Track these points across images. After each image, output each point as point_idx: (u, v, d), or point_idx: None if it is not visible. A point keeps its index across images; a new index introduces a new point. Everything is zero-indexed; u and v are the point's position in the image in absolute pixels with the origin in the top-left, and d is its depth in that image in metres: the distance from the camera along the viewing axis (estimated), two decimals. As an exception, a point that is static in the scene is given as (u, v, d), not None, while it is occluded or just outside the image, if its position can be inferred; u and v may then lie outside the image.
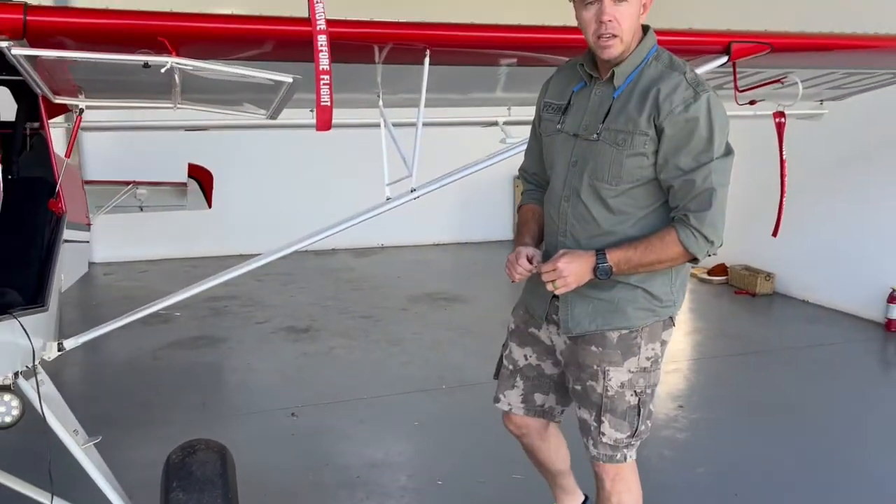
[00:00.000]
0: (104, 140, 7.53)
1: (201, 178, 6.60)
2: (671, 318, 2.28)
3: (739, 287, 7.23)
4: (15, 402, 2.42)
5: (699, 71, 3.47)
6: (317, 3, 2.65)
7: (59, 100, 3.21)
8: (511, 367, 2.51)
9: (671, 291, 2.24)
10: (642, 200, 2.17)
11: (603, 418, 2.23)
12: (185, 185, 6.58)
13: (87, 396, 4.41)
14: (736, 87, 3.53)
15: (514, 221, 10.09)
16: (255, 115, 3.31)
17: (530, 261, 2.22)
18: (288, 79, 2.53)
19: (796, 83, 3.69)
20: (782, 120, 3.74)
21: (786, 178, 3.71)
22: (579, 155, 2.20)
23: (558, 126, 2.28)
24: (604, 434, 2.25)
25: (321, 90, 2.66)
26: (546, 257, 2.30)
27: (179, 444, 2.67)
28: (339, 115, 2.87)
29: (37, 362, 2.58)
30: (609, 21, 2.04)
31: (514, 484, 3.47)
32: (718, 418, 4.26)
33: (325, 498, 3.29)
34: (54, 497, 2.51)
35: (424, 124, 3.31)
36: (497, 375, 2.59)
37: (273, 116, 3.26)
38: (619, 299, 2.19)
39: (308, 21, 2.65)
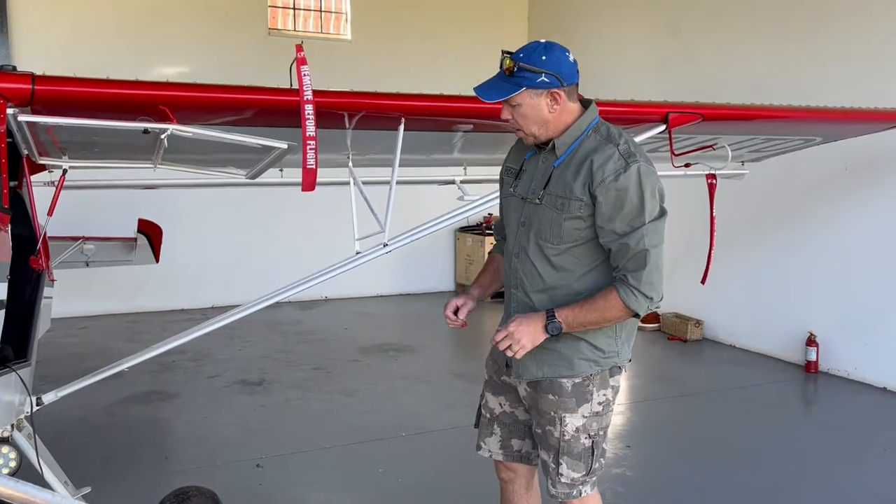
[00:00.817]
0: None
1: (151, 233, 6.61)
2: (617, 367, 2.44)
3: (671, 333, 7.67)
4: (13, 455, 2.48)
5: (639, 138, 3.89)
6: (304, 75, 2.91)
7: (42, 160, 3.31)
8: (489, 415, 2.66)
9: (615, 343, 2.41)
10: (583, 259, 2.36)
11: (561, 460, 2.40)
12: (134, 240, 6.57)
13: (44, 454, 4.35)
14: (672, 152, 3.93)
15: (455, 273, 10.41)
16: (235, 175, 3.49)
17: (457, 311, 2.53)
18: (283, 145, 2.74)
19: (725, 147, 4.13)
20: (714, 181, 4.18)
21: (714, 234, 4.11)
22: (527, 216, 2.41)
23: (511, 189, 2.51)
24: (562, 475, 2.42)
25: (307, 154, 2.89)
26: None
27: (172, 491, 2.76)
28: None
29: (32, 413, 2.65)
30: (507, 120, 2.35)
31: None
32: (664, 456, 4.56)
33: (302, 544, 3.38)
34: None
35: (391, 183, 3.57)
36: (477, 424, 2.72)
37: (253, 177, 3.46)
38: (564, 350, 2.36)
39: (295, 91, 2.89)
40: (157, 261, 6.82)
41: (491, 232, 9.91)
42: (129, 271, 7.60)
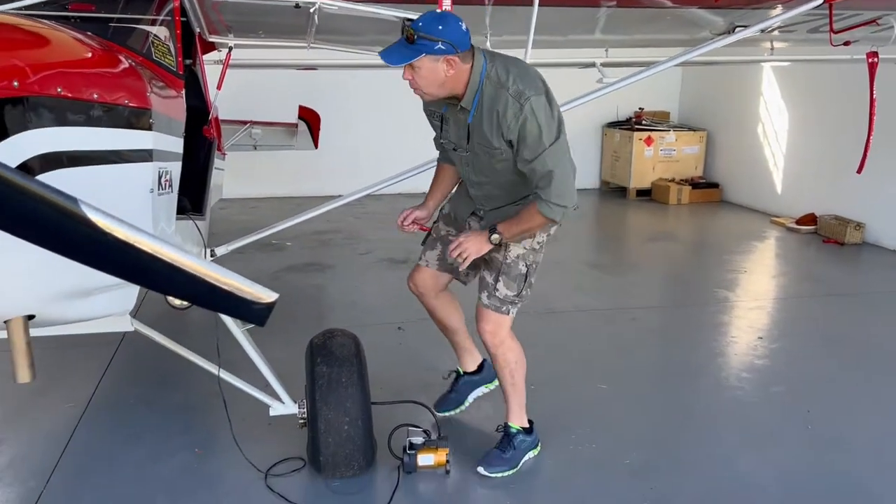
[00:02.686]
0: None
1: (310, 119, 7.10)
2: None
3: (828, 236, 7.27)
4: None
5: (795, 12, 3.66)
6: (442, -51, 3.01)
7: (212, 38, 3.68)
8: (435, 235, 3.22)
9: None
10: (524, 176, 2.75)
11: (500, 279, 2.93)
12: (295, 126, 7.09)
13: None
14: (831, 29, 3.68)
15: (601, 170, 10.28)
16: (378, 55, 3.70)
17: (413, 221, 3.05)
18: (416, 17, 2.89)
19: (893, 27, 3.80)
20: (875, 60, 3.85)
21: (874, 118, 3.84)
22: (466, 161, 2.86)
23: (443, 140, 2.91)
24: (498, 290, 2.94)
25: (444, 30, 3.01)
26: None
27: (320, 331, 3.17)
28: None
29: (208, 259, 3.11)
30: (408, 80, 2.60)
31: (599, 393, 3.86)
32: (796, 349, 4.49)
33: (433, 393, 3.73)
34: (221, 369, 3.03)
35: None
36: (423, 243, 3.28)
37: (395, 56, 3.64)
38: (520, 210, 2.81)
39: (433, -34, 3.00)
40: (316, 146, 7.33)
41: (640, 127, 9.66)
42: (290, 158, 8.19)
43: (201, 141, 3.63)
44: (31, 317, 1.84)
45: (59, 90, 1.82)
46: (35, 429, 3.44)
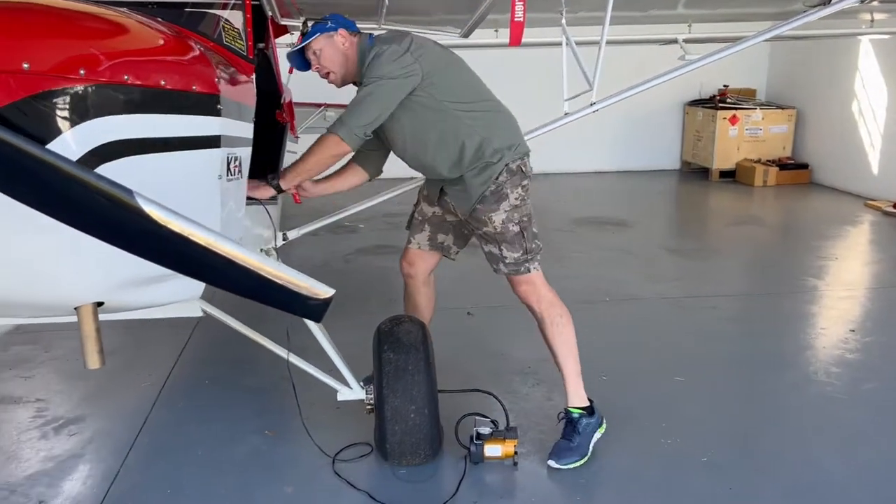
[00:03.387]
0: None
1: (383, 101, 7.06)
2: (520, 169, 2.96)
3: (929, 221, 6.81)
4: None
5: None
6: (515, -76, 2.90)
7: (284, 21, 3.68)
8: (421, 217, 3.27)
9: (491, 153, 2.89)
10: (420, 134, 2.94)
11: (502, 247, 2.99)
12: (367, 107, 7.07)
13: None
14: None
15: (682, 150, 9.93)
16: (449, 34, 3.63)
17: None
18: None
19: None
20: None
21: None
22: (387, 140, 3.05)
23: None
24: (506, 258, 3.01)
25: (516, 7, 2.93)
26: None
27: (387, 318, 3.14)
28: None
29: (278, 245, 3.12)
30: (316, 69, 2.93)
31: (676, 385, 3.70)
32: (891, 342, 4.21)
33: (502, 381, 3.69)
34: (290, 353, 3.05)
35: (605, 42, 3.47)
36: (409, 226, 3.34)
37: (466, 35, 3.57)
38: (467, 185, 2.93)
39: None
40: (389, 127, 7.29)
41: (724, 105, 9.27)
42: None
43: (273, 125, 3.63)
44: (99, 304, 1.86)
45: (125, 77, 1.82)
46: (114, 407, 3.56)
